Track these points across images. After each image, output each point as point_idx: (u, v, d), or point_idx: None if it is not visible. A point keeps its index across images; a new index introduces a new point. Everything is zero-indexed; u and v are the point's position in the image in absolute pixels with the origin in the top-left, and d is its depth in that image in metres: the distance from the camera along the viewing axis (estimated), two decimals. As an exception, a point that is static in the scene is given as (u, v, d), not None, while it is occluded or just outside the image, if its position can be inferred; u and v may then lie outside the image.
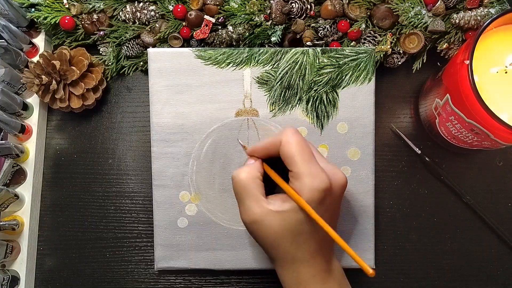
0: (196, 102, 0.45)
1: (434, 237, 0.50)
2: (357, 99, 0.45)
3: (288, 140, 0.37)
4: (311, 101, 0.45)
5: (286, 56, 0.45)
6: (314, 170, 0.36)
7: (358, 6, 0.48)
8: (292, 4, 0.47)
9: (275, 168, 0.39)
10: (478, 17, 0.46)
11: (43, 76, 0.47)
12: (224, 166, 0.46)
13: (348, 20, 0.48)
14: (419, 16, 0.46)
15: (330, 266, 0.39)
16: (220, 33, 0.49)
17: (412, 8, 0.46)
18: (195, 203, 0.46)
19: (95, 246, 0.51)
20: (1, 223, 0.46)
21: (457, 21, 0.46)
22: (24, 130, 0.49)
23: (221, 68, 0.45)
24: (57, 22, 0.49)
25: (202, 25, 0.48)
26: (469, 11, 0.46)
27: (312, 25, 0.49)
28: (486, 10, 0.46)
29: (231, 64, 0.45)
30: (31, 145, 0.50)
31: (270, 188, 0.39)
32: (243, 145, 0.45)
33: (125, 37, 0.50)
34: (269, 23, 0.48)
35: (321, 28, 0.48)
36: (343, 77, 0.45)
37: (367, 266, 0.34)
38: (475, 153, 0.51)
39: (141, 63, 0.52)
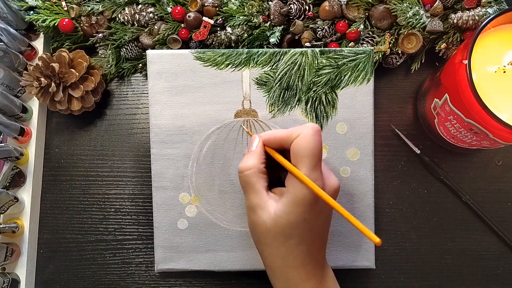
0: (195, 104, 0.45)
1: (434, 237, 0.50)
2: (356, 100, 0.45)
3: (307, 137, 0.36)
4: (310, 102, 0.45)
5: (285, 57, 0.45)
6: (314, 176, 0.36)
7: (356, 7, 0.48)
8: (291, 5, 0.48)
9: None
10: (476, 17, 0.46)
11: (42, 79, 0.47)
12: (224, 167, 0.46)
13: (346, 21, 0.48)
14: (417, 17, 0.47)
15: (322, 273, 0.38)
16: (219, 35, 0.49)
17: (410, 8, 0.47)
18: (195, 205, 0.46)
19: (95, 249, 0.51)
20: (1, 226, 0.46)
21: (455, 21, 0.46)
22: (23, 133, 0.49)
23: (220, 69, 0.45)
24: (55, 24, 0.49)
25: (200, 27, 0.48)
26: (467, 11, 0.46)
27: (311, 26, 0.49)
28: (484, 9, 0.46)
29: (230, 66, 0.45)
30: (31, 147, 0.50)
31: (273, 181, 0.40)
32: (248, 131, 0.45)
33: (124, 39, 0.50)
34: (267, 24, 0.48)
35: (320, 29, 0.48)
36: (342, 78, 0.45)
37: (374, 235, 0.32)
38: (474, 152, 0.51)
39: (140, 65, 0.52)
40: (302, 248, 0.37)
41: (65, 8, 0.50)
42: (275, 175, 0.40)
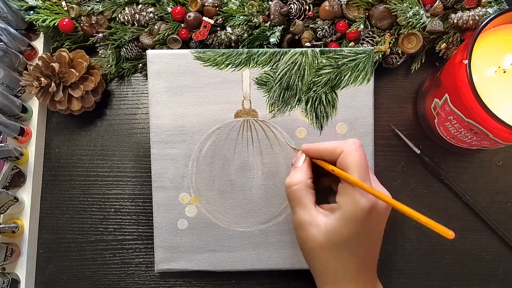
0: (195, 104, 0.45)
1: (434, 237, 0.50)
2: (356, 100, 0.45)
3: (352, 152, 0.37)
4: (310, 102, 0.45)
5: (285, 57, 0.45)
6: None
7: (356, 6, 0.48)
8: (291, 5, 0.48)
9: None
10: (476, 17, 0.46)
11: (42, 79, 0.47)
12: (224, 167, 0.46)
13: (346, 21, 0.48)
14: (417, 16, 0.47)
15: (374, 287, 0.38)
16: (219, 35, 0.49)
17: (410, 8, 0.47)
18: (195, 205, 0.46)
19: (95, 249, 0.51)
20: (1, 226, 0.46)
21: (455, 21, 0.46)
22: (23, 133, 0.49)
23: (220, 69, 0.45)
24: (56, 24, 0.49)
25: (201, 27, 0.48)
26: (467, 11, 0.46)
27: (311, 26, 0.49)
28: (484, 9, 0.46)
29: (230, 65, 0.45)
30: (31, 147, 0.50)
31: (321, 196, 0.40)
32: (295, 147, 0.45)
33: (124, 39, 0.50)
34: (267, 24, 0.48)
35: (320, 29, 0.48)
36: (342, 78, 0.45)
37: (446, 229, 0.31)
38: (474, 152, 0.51)
39: (140, 65, 0.52)
40: (354, 262, 0.36)
41: (65, 8, 0.50)
42: (320, 193, 0.40)
